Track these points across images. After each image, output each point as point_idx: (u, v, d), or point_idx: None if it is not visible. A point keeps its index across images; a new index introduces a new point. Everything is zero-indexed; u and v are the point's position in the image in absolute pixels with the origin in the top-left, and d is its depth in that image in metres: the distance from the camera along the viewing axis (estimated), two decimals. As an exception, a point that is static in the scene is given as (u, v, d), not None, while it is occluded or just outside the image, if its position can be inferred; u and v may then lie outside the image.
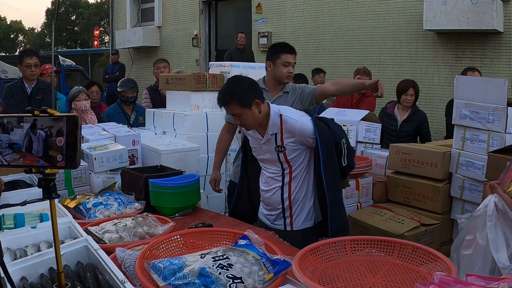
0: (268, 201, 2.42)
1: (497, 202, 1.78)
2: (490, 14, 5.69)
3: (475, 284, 1.25)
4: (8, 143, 1.05)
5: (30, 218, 1.94)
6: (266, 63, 2.89)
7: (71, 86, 6.66)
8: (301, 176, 2.33)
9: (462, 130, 2.91)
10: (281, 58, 2.80)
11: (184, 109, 3.74)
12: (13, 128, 1.05)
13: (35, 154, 1.03)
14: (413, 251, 1.62)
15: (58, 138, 1.02)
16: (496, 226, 1.77)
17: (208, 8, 10.07)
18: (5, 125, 1.05)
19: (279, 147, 2.29)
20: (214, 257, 1.48)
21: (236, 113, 2.22)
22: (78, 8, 30.56)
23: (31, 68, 4.15)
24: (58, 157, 1.02)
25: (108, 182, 2.65)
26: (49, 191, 1.06)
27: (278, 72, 2.82)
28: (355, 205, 3.13)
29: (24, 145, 1.04)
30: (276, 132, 2.28)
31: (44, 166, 1.03)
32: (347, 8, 7.54)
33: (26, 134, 1.04)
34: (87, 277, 1.41)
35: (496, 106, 2.71)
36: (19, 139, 1.05)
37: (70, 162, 1.02)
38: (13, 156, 1.05)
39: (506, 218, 1.75)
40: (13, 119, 1.06)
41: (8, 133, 1.05)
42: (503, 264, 1.70)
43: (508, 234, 1.75)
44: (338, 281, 1.49)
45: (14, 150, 1.05)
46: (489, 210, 1.78)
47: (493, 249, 1.74)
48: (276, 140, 2.29)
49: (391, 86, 7.07)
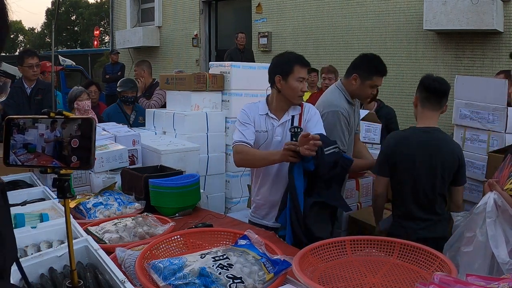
0: (270, 198, 2.40)
1: (496, 199, 1.79)
2: (490, 14, 5.69)
3: (475, 284, 1.25)
4: (22, 143, 1.07)
5: (30, 218, 1.94)
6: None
7: (71, 86, 6.67)
8: None
9: (462, 130, 2.91)
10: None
11: (184, 109, 3.74)
12: (27, 128, 1.08)
13: (49, 155, 1.06)
14: (413, 251, 1.62)
15: (73, 140, 1.05)
16: (495, 222, 1.77)
17: (208, 8, 10.07)
18: (20, 125, 1.08)
19: (296, 128, 2.30)
20: (214, 257, 1.48)
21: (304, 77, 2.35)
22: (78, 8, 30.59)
23: (33, 68, 4.17)
24: (72, 158, 1.05)
25: (108, 182, 2.65)
26: (63, 191, 1.09)
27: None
28: (355, 205, 3.13)
29: (38, 145, 1.07)
30: (295, 114, 2.38)
31: (58, 166, 1.06)
32: (347, 8, 7.54)
33: (41, 135, 1.07)
34: (87, 277, 1.41)
35: (496, 106, 2.71)
36: (33, 140, 1.07)
37: (85, 163, 1.05)
38: (27, 156, 1.08)
39: (506, 214, 1.75)
40: (28, 120, 1.08)
41: (23, 134, 1.07)
42: (503, 260, 1.70)
43: (508, 231, 1.75)
44: (338, 281, 1.49)
45: (28, 151, 1.08)
46: (488, 207, 1.79)
47: (493, 245, 1.74)
48: (293, 122, 2.36)
49: (391, 86, 7.08)
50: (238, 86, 3.74)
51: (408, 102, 6.93)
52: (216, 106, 3.78)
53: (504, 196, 1.76)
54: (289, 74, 2.32)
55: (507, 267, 1.69)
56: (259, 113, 2.42)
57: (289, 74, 2.32)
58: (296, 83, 2.33)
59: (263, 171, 2.44)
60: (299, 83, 2.33)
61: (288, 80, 2.33)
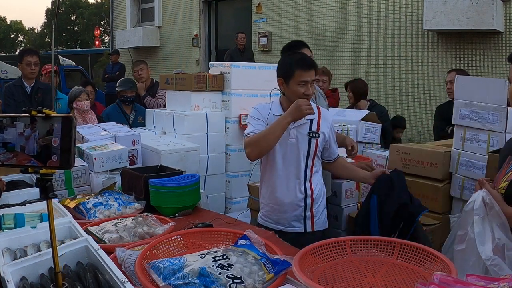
0: (285, 201, 2.37)
1: (484, 197, 1.80)
2: (490, 14, 5.69)
3: (475, 284, 1.25)
4: (1, 142, 1.04)
5: (30, 218, 1.94)
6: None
7: (71, 86, 6.69)
8: (320, 173, 2.34)
9: (462, 130, 2.91)
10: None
11: (184, 109, 3.74)
12: (6, 127, 1.05)
13: (29, 154, 1.02)
14: (413, 251, 1.62)
15: (53, 139, 1.01)
16: (483, 219, 1.78)
17: (208, 8, 10.07)
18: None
19: (314, 133, 2.31)
20: (214, 257, 1.48)
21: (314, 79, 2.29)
22: (78, 8, 30.59)
23: (31, 66, 4.16)
24: (53, 157, 1.01)
25: (108, 182, 2.65)
26: (46, 191, 1.06)
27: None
28: (355, 205, 3.12)
29: (17, 144, 1.04)
30: (313, 118, 2.33)
31: (36, 165, 1.02)
32: (347, 8, 7.54)
33: (19, 133, 1.03)
34: (87, 277, 1.41)
35: (496, 106, 2.71)
36: (12, 138, 1.04)
37: (65, 163, 1.01)
38: (7, 156, 1.04)
39: (493, 212, 1.76)
40: (7, 118, 1.05)
41: (2, 132, 1.04)
42: (486, 256, 1.71)
43: (495, 227, 1.75)
44: (338, 281, 1.49)
45: (7, 150, 1.04)
46: (476, 204, 1.80)
47: (479, 242, 1.75)
48: (312, 125, 2.33)
49: (391, 86, 7.09)
50: (238, 86, 3.74)
51: (408, 102, 6.94)
52: (216, 106, 3.77)
53: (493, 194, 1.77)
54: (290, 78, 2.26)
55: (489, 263, 1.69)
56: (273, 113, 2.35)
57: (290, 78, 2.26)
58: (297, 87, 2.25)
59: (269, 172, 2.41)
60: (301, 87, 2.24)
61: (289, 84, 2.27)
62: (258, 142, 2.22)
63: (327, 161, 2.49)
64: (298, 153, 2.33)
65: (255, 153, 2.28)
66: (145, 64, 5.32)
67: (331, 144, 2.44)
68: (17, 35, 34.28)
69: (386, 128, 4.33)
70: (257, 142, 2.23)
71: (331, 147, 2.45)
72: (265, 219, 2.48)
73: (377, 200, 2.21)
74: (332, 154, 2.47)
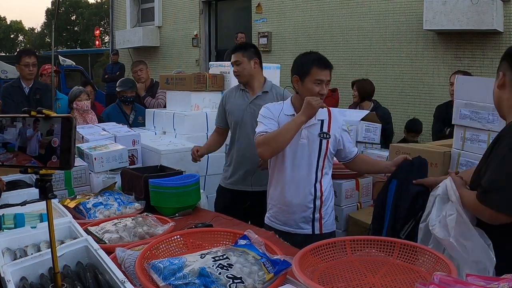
0: (294, 202, 2.36)
1: (447, 182, 1.83)
2: (490, 14, 5.69)
3: (475, 284, 1.25)
4: (1, 142, 1.04)
5: (30, 218, 1.94)
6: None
7: (71, 86, 6.69)
8: (330, 175, 2.35)
9: (462, 130, 2.91)
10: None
11: (184, 109, 3.74)
12: (6, 127, 1.04)
13: (29, 154, 1.02)
14: (413, 251, 1.62)
15: (53, 139, 1.01)
16: (442, 199, 1.82)
17: (208, 8, 10.07)
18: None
19: (325, 134, 2.31)
20: (214, 257, 1.48)
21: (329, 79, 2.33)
22: (78, 8, 30.60)
23: (29, 67, 4.14)
24: (53, 157, 1.01)
25: (108, 182, 2.65)
26: (45, 192, 1.05)
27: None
28: (355, 205, 3.13)
29: (17, 144, 1.03)
30: (323, 118, 2.33)
31: (36, 166, 1.02)
32: (347, 8, 7.54)
33: (19, 134, 1.03)
34: (87, 277, 1.41)
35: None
36: (12, 139, 1.04)
37: (65, 163, 1.01)
38: (7, 156, 1.04)
39: (450, 192, 1.79)
40: (7, 118, 1.05)
41: (2, 133, 1.04)
42: (431, 222, 1.77)
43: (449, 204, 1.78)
44: (338, 281, 1.49)
45: (7, 150, 1.04)
46: (439, 190, 1.84)
47: (432, 214, 1.81)
48: (322, 126, 2.33)
49: (391, 86, 7.08)
50: (238, 86, 3.73)
51: (408, 102, 6.94)
52: (216, 106, 3.77)
53: (455, 179, 1.80)
54: (306, 75, 2.27)
55: (431, 228, 1.75)
56: (284, 113, 2.35)
57: (306, 76, 2.27)
58: (313, 85, 2.25)
59: (278, 172, 2.40)
60: (316, 86, 2.25)
61: (304, 82, 2.28)
62: (271, 141, 2.23)
63: (345, 161, 2.49)
64: (309, 153, 2.33)
65: (268, 153, 2.29)
66: (144, 65, 5.32)
67: (344, 144, 2.43)
68: (17, 35, 34.29)
69: (388, 131, 4.32)
70: (270, 141, 2.23)
71: (346, 146, 2.44)
72: (273, 220, 2.47)
73: (396, 184, 2.14)
74: (349, 153, 2.46)
